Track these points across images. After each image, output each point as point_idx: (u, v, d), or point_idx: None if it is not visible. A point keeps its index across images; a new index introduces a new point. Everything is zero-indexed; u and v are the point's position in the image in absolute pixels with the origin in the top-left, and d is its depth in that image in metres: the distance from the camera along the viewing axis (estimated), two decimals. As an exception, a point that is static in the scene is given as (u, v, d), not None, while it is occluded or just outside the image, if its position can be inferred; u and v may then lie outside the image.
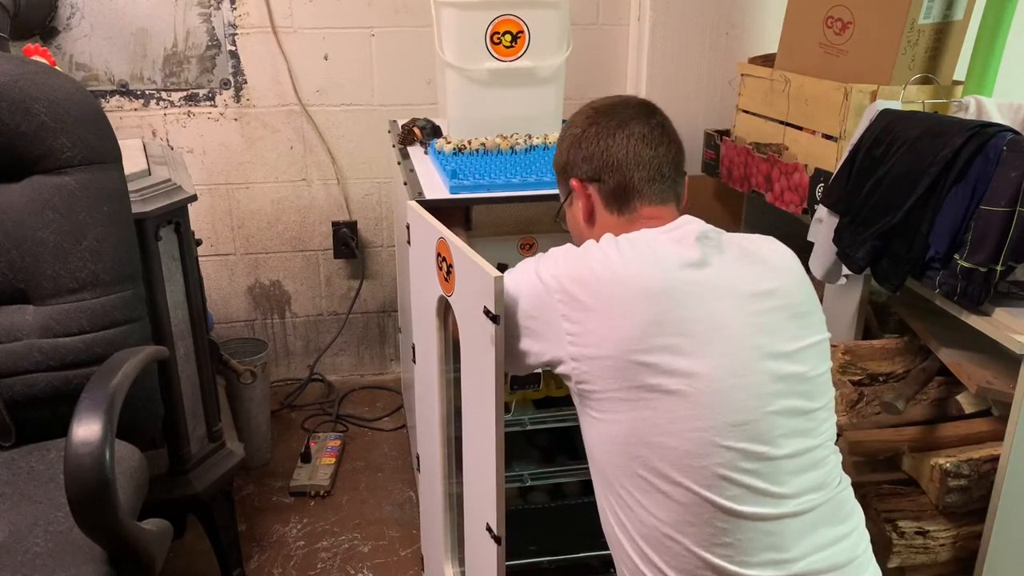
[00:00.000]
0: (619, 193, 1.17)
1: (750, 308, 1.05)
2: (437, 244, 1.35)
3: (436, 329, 1.44)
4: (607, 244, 1.09)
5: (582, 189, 1.20)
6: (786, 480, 1.01)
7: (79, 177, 1.37)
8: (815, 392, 1.07)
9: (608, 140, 1.17)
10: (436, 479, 1.56)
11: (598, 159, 1.18)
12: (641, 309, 1.00)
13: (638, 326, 0.99)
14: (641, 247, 1.07)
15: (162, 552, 1.22)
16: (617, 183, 1.17)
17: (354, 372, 2.79)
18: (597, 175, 1.18)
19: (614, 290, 1.02)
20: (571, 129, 1.23)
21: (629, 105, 1.21)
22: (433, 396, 1.51)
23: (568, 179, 1.22)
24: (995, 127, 1.45)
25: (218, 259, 2.57)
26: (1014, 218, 1.35)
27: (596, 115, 1.20)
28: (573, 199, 1.22)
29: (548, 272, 1.07)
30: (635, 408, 1.00)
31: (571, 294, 1.04)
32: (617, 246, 1.07)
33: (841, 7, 1.88)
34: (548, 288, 1.06)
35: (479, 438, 1.30)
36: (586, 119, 1.21)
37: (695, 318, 1.01)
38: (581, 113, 1.23)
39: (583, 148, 1.19)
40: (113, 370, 1.19)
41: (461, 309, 1.30)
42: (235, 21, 2.34)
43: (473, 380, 1.31)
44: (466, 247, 1.26)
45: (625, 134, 1.17)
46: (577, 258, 1.08)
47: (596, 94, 2.53)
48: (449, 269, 1.32)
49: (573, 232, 1.27)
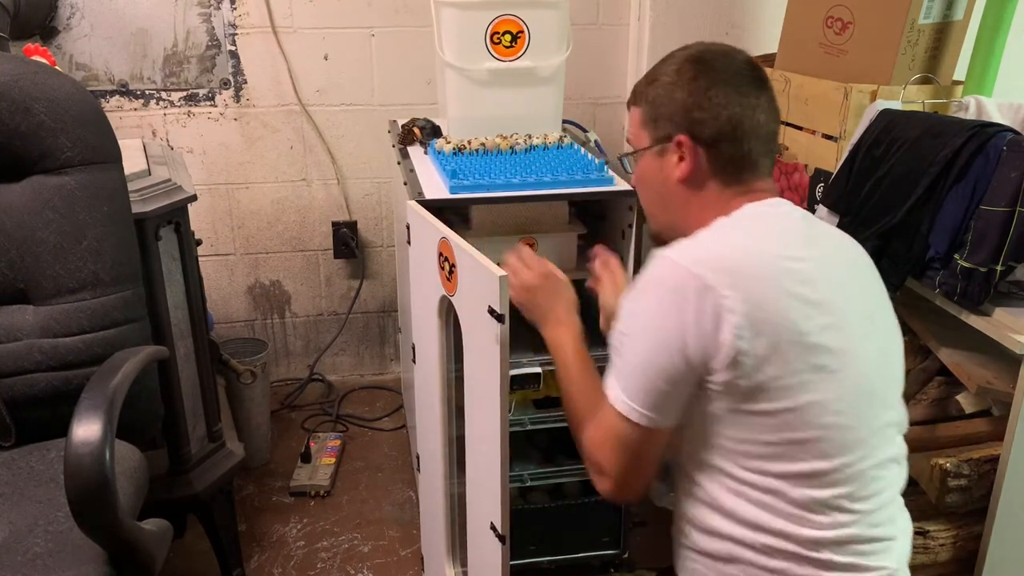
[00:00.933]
0: (736, 164, 1.09)
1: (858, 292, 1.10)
2: (439, 244, 1.35)
3: (438, 329, 1.44)
4: (736, 230, 1.05)
5: (692, 149, 1.09)
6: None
7: (79, 177, 1.36)
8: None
9: (732, 104, 1.08)
10: (437, 479, 1.56)
11: (721, 123, 1.08)
12: (797, 291, 1.00)
13: (800, 308, 0.99)
14: (773, 228, 1.07)
15: (162, 552, 1.22)
16: (735, 153, 1.09)
17: (354, 372, 2.79)
18: (715, 140, 1.08)
19: (765, 272, 1.00)
20: (685, 75, 1.10)
21: (741, 64, 1.11)
22: (434, 396, 1.51)
23: (672, 131, 1.10)
24: (995, 127, 1.45)
25: (218, 259, 2.57)
26: (1014, 218, 1.35)
27: (714, 71, 1.09)
28: (668, 152, 1.11)
29: (689, 264, 1.00)
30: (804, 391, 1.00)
31: (726, 285, 0.97)
32: (750, 230, 1.05)
33: (841, 7, 1.88)
34: (701, 287, 0.98)
35: (483, 437, 1.31)
36: (704, 72, 1.09)
37: (832, 298, 1.03)
38: (693, 60, 1.11)
39: (703, 107, 1.08)
40: (113, 370, 1.19)
41: (464, 309, 1.31)
42: (235, 21, 2.34)
43: (477, 380, 1.32)
44: (469, 247, 1.26)
45: (749, 101, 1.08)
46: (714, 247, 1.03)
47: (596, 94, 2.52)
48: (452, 269, 1.32)
49: (649, 184, 1.16)
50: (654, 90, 1.12)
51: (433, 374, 1.50)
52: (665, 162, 1.12)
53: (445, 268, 1.36)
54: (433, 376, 1.51)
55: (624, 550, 1.90)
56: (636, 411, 1.02)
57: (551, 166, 1.67)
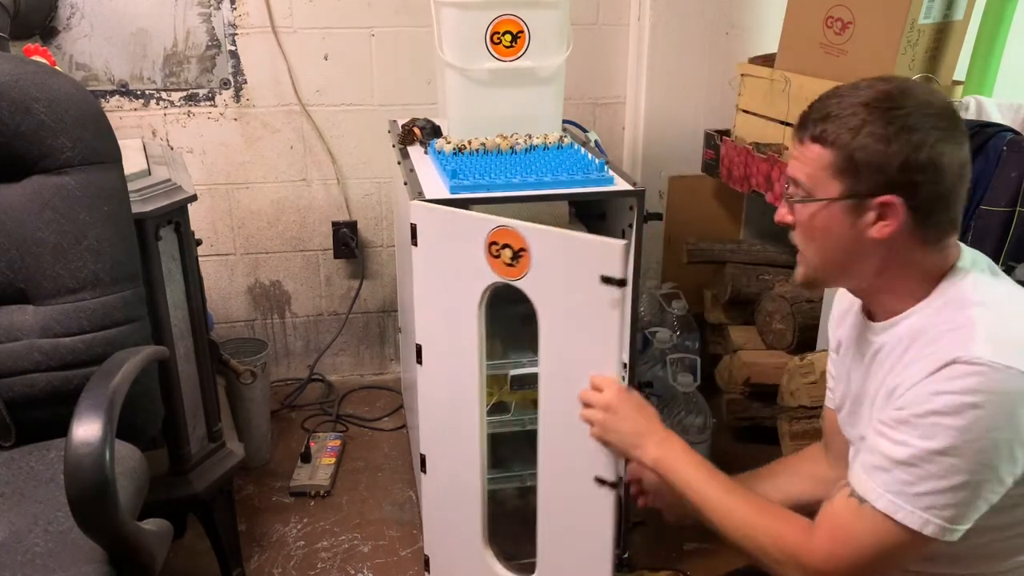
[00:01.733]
0: (945, 228, 1.00)
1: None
2: (492, 233, 1.37)
3: (478, 320, 1.47)
4: (1007, 305, 0.98)
5: (900, 212, 0.97)
6: None
7: (79, 177, 1.36)
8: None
9: (953, 166, 0.97)
10: (475, 475, 1.58)
11: (940, 189, 0.97)
12: None
13: None
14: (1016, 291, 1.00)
15: (162, 552, 1.21)
16: (946, 218, 0.99)
17: (354, 372, 2.79)
18: (929, 206, 0.98)
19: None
20: (899, 127, 0.96)
21: (948, 112, 0.99)
22: (472, 391, 1.54)
23: (879, 190, 0.97)
24: (995, 127, 1.45)
25: (218, 259, 2.57)
26: (1014, 218, 1.35)
27: (932, 125, 0.96)
28: (866, 209, 0.99)
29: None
30: None
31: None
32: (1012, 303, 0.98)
33: (841, 7, 1.88)
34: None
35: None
36: (922, 127, 0.96)
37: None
38: (905, 108, 0.97)
39: (924, 170, 0.96)
40: (113, 370, 1.19)
41: (544, 288, 1.36)
42: (235, 21, 2.34)
43: (572, 353, 1.35)
44: (549, 227, 1.33)
45: (960, 158, 0.97)
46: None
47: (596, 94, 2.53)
48: (518, 253, 1.36)
49: (832, 237, 1.02)
50: (861, 139, 0.97)
51: (471, 368, 1.52)
52: (859, 219, 0.99)
53: (502, 255, 1.38)
54: (471, 369, 1.52)
55: (624, 550, 1.90)
56: (954, 531, 0.93)
57: (551, 166, 1.67)
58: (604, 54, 2.55)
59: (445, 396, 1.62)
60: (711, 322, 2.53)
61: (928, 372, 0.93)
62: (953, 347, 0.92)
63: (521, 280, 1.39)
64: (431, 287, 1.55)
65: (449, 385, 1.61)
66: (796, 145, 1.04)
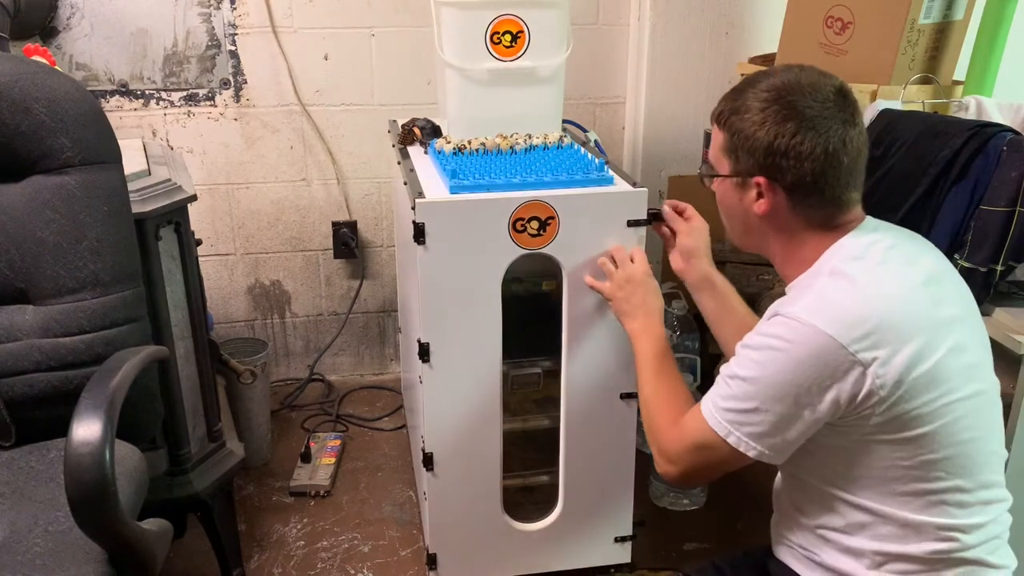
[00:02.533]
0: (819, 209, 1.10)
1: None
2: (517, 210, 1.54)
3: (497, 297, 1.60)
4: (857, 278, 1.05)
5: (771, 191, 1.10)
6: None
7: (79, 177, 1.36)
8: None
9: (817, 151, 1.06)
10: (493, 469, 1.72)
11: (803, 173, 1.07)
12: (933, 316, 1.05)
13: (935, 332, 1.03)
14: (887, 262, 1.07)
15: (162, 552, 1.21)
16: (817, 200, 1.09)
17: (354, 372, 2.79)
18: (795, 187, 1.08)
19: (901, 318, 1.02)
20: (771, 114, 1.07)
21: (830, 98, 1.07)
22: (494, 386, 1.65)
23: (752, 170, 1.10)
24: (995, 127, 1.45)
25: (218, 259, 2.57)
26: (1014, 218, 1.35)
27: (803, 113, 1.06)
28: (748, 186, 1.12)
29: (829, 329, 1.01)
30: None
31: (866, 347, 1.01)
32: (868, 275, 1.05)
33: (841, 7, 1.88)
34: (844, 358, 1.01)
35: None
36: (794, 115, 1.07)
37: (958, 309, 1.10)
38: (782, 97, 1.08)
39: (787, 154, 1.07)
40: (113, 370, 1.19)
41: (570, 247, 1.58)
42: (235, 21, 2.34)
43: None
44: (571, 191, 1.57)
45: (834, 144, 1.06)
46: (847, 304, 1.03)
47: (596, 94, 2.53)
48: (546, 222, 1.56)
49: (729, 210, 1.18)
50: (740, 122, 1.10)
51: (489, 355, 1.63)
52: (745, 195, 1.14)
53: (528, 228, 1.56)
54: (489, 357, 1.63)
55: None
56: (743, 443, 1.08)
57: (551, 166, 1.67)
58: (604, 54, 2.55)
59: (456, 393, 1.65)
60: (711, 322, 2.53)
61: (760, 322, 1.10)
62: (784, 304, 1.06)
63: (548, 247, 1.59)
64: (440, 283, 1.56)
65: (461, 381, 1.63)
66: (712, 128, 1.19)
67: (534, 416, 1.84)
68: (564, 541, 1.80)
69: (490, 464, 1.71)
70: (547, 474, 1.84)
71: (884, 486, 1.06)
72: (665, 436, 1.19)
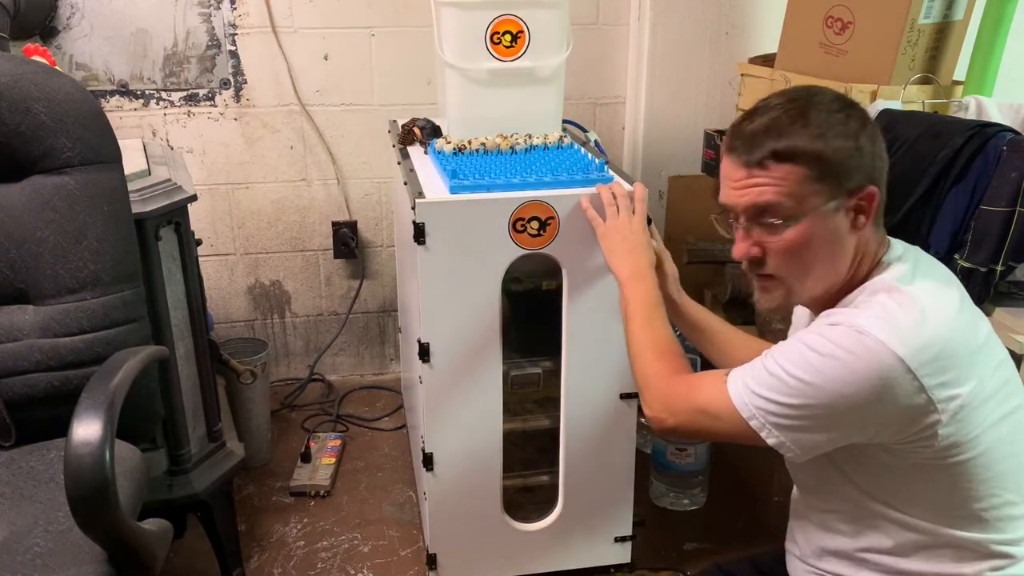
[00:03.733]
0: (882, 210, 1.06)
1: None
2: (517, 210, 1.55)
3: (497, 296, 1.60)
4: (917, 296, 1.01)
5: (873, 200, 1.03)
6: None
7: (79, 177, 1.36)
8: None
9: (884, 149, 1.05)
10: (495, 471, 1.72)
11: (887, 169, 1.05)
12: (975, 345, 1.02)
13: (982, 361, 1.02)
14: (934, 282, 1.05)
15: (162, 552, 1.21)
16: (884, 197, 1.06)
17: (354, 372, 2.79)
18: (887, 186, 1.05)
19: (958, 346, 1.00)
20: (854, 124, 1.02)
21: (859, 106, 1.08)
22: (494, 386, 1.66)
23: (864, 182, 1.02)
24: (995, 127, 1.45)
25: (218, 259, 2.57)
26: (1014, 218, 1.35)
27: (865, 116, 1.05)
28: (845, 208, 1.02)
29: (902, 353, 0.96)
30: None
31: (932, 375, 0.97)
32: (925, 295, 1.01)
33: (841, 7, 1.88)
34: (912, 386, 0.96)
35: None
36: (866, 119, 1.05)
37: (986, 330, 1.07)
38: (846, 107, 1.03)
39: (883, 156, 1.05)
40: (113, 370, 1.19)
41: (570, 246, 1.59)
42: (235, 21, 2.34)
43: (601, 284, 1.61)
44: (571, 190, 1.57)
45: (881, 138, 1.05)
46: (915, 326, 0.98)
47: (596, 94, 2.53)
48: (545, 222, 1.57)
49: (818, 248, 1.04)
50: (831, 141, 1.00)
51: (489, 353, 1.63)
52: (839, 218, 1.02)
53: (528, 228, 1.56)
54: (489, 354, 1.63)
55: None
56: (775, 436, 1.02)
57: (551, 166, 1.67)
58: (604, 54, 2.55)
59: (456, 393, 1.65)
60: (711, 322, 2.53)
61: (819, 323, 1.03)
62: (844, 315, 1.00)
63: (548, 247, 1.59)
64: (440, 283, 1.57)
65: (461, 381, 1.63)
66: (744, 174, 1.04)
67: (534, 416, 1.84)
68: (564, 541, 1.80)
69: (490, 464, 1.71)
70: (547, 474, 1.84)
71: (942, 507, 1.03)
72: (665, 384, 1.14)
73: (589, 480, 1.76)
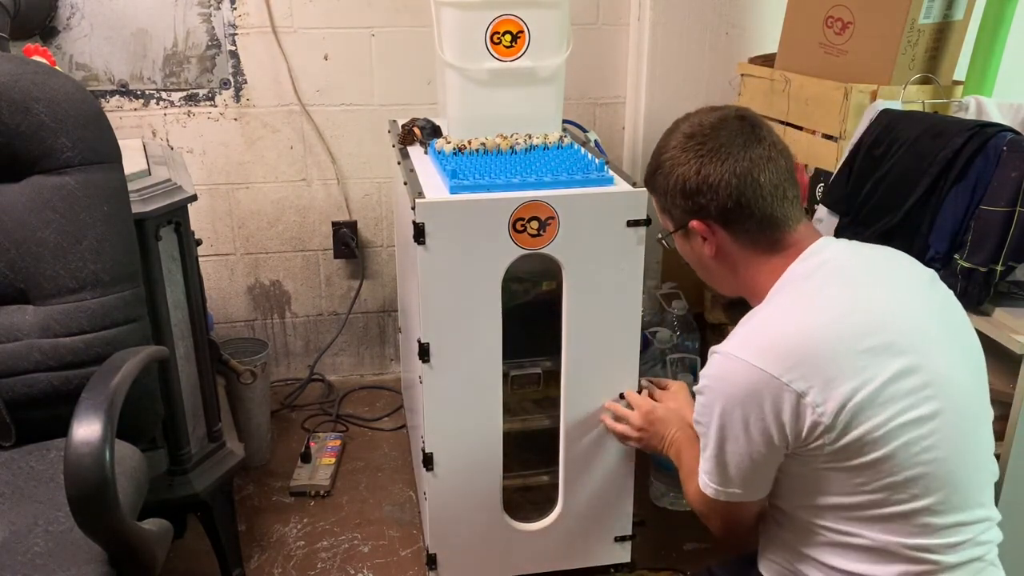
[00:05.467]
0: (756, 229, 1.12)
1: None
2: (517, 210, 1.54)
3: (497, 294, 1.60)
4: (790, 307, 1.08)
5: (708, 230, 1.14)
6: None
7: (79, 177, 1.36)
8: None
9: (728, 176, 1.10)
10: (495, 471, 1.73)
11: (722, 199, 1.10)
12: (866, 346, 1.05)
13: (874, 361, 1.04)
14: (824, 289, 1.09)
15: (162, 552, 1.21)
16: (749, 220, 1.11)
17: (354, 372, 2.79)
18: (724, 216, 1.12)
19: (827, 347, 1.04)
20: (679, 160, 1.13)
21: (732, 125, 1.13)
22: (494, 386, 1.66)
23: (684, 218, 1.15)
24: (995, 127, 1.45)
25: (218, 259, 2.57)
26: (1014, 218, 1.35)
27: (706, 147, 1.11)
28: (692, 235, 1.17)
29: (757, 362, 1.05)
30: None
31: (798, 377, 1.03)
32: (803, 302, 1.08)
33: (841, 7, 1.88)
34: (775, 388, 1.04)
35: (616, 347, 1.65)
36: (697, 153, 1.12)
37: (905, 329, 1.11)
38: (685, 141, 1.14)
39: (701, 190, 1.11)
40: (113, 370, 1.19)
41: (570, 246, 1.58)
42: (235, 21, 2.34)
43: (601, 287, 1.62)
44: (571, 191, 1.57)
45: (743, 165, 1.10)
46: (773, 334, 1.07)
47: (596, 94, 2.53)
48: (545, 222, 1.56)
49: (691, 262, 1.23)
50: (659, 179, 1.17)
51: (489, 354, 1.64)
52: (693, 244, 1.18)
53: (528, 228, 1.56)
54: (488, 356, 1.64)
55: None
56: (722, 492, 1.13)
57: (551, 166, 1.67)
58: (604, 54, 2.55)
59: (456, 393, 1.65)
60: (711, 322, 2.53)
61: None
62: (724, 342, 1.09)
63: (548, 247, 1.59)
64: (440, 283, 1.57)
65: (461, 381, 1.63)
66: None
67: (534, 416, 1.84)
68: (564, 541, 1.80)
69: (490, 464, 1.71)
70: (547, 474, 1.84)
71: (848, 511, 1.06)
72: (688, 495, 1.26)
73: (589, 480, 1.76)
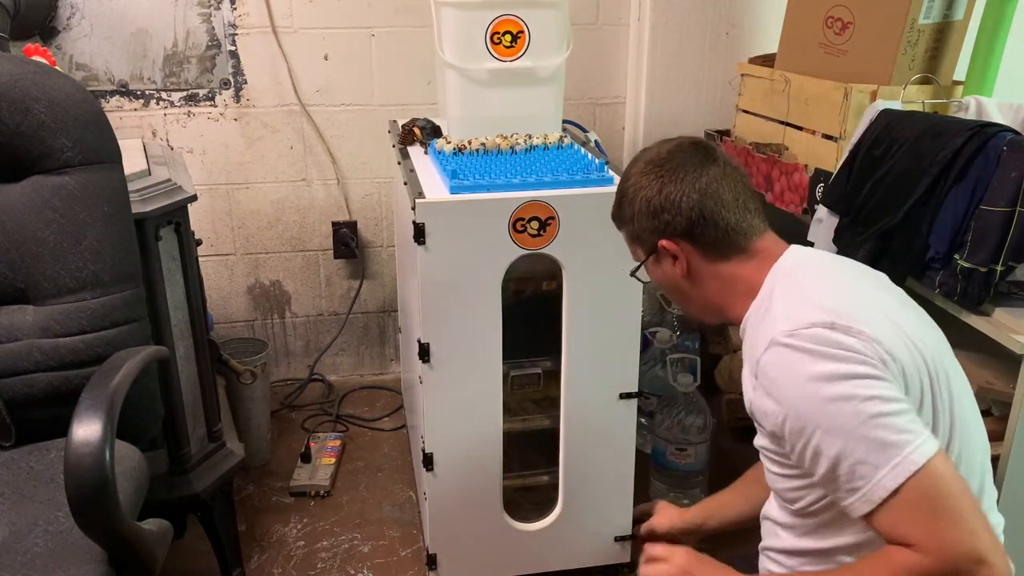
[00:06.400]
0: (724, 239, 1.14)
1: None
2: (518, 210, 1.55)
3: (497, 295, 1.60)
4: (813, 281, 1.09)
5: (677, 247, 1.16)
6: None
7: (79, 177, 1.36)
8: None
9: (688, 192, 1.13)
10: (495, 471, 1.73)
11: (685, 213, 1.13)
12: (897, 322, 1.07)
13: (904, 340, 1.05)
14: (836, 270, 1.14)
15: (162, 552, 1.22)
16: (716, 231, 1.13)
17: (354, 372, 2.79)
18: (690, 230, 1.14)
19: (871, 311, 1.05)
20: (640, 186, 1.17)
21: (686, 149, 1.17)
22: (494, 386, 1.66)
23: (653, 240, 1.17)
24: (995, 127, 1.45)
25: (218, 259, 2.57)
26: (1014, 218, 1.35)
27: (663, 170, 1.15)
28: (663, 258, 1.19)
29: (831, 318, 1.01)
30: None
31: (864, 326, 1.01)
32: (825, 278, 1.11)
33: (841, 7, 1.88)
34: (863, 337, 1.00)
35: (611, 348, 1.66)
36: (656, 176, 1.16)
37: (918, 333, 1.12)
38: (644, 169, 1.18)
39: (665, 208, 1.14)
40: (113, 370, 1.19)
41: (570, 246, 1.59)
42: (235, 21, 2.34)
43: (602, 285, 1.62)
44: (572, 191, 1.58)
45: (701, 182, 1.13)
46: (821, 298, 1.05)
47: (596, 94, 2.55)
48: (546, 222, 1.57)
49: (666, 287, 1.23)
50: (625, 209, 1.20)
51: (489, 354, 1.64)
52: (664, 267, 1.19)
53: (528, 228, 1.57)
54: (489, 356, 1.64)
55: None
56: (902, 463, 0.93)
57: (551, 166, 1.67)
58: (604, 54, 2.55)
59: (456, 393, 1.65)
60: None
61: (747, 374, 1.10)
62: (765, 334, 1.04)
63: (548, 247, 1.59)
64: (440, 283, 1.57)
65: (461, 381, 1.63)
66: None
67: (534, 416, 1.84)
68: (564, 541, 1.80)
69: (490, 464, 1.71)
70: (547, 474, 1.84)
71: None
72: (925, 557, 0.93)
73: (589, 480, 1.76)
